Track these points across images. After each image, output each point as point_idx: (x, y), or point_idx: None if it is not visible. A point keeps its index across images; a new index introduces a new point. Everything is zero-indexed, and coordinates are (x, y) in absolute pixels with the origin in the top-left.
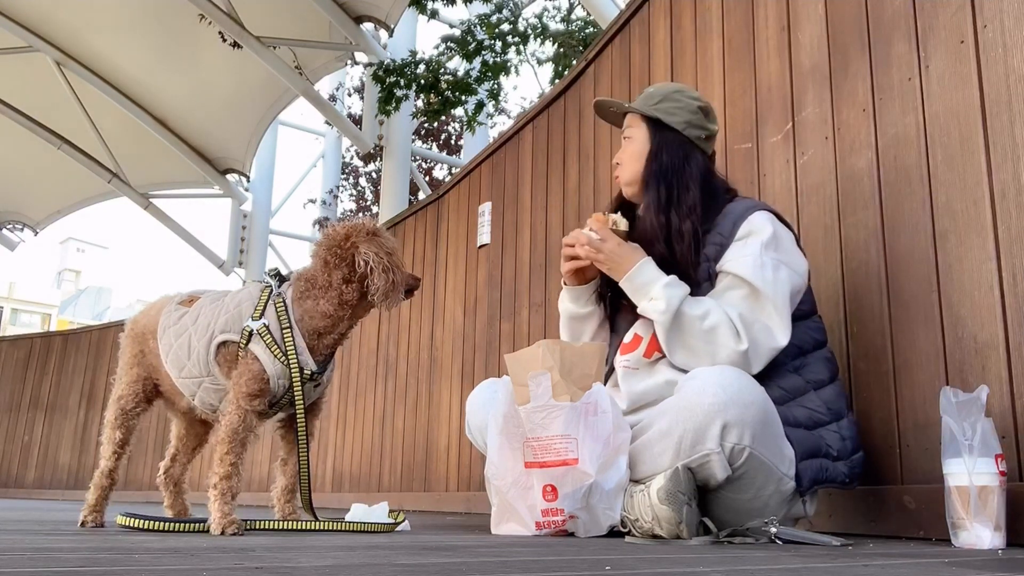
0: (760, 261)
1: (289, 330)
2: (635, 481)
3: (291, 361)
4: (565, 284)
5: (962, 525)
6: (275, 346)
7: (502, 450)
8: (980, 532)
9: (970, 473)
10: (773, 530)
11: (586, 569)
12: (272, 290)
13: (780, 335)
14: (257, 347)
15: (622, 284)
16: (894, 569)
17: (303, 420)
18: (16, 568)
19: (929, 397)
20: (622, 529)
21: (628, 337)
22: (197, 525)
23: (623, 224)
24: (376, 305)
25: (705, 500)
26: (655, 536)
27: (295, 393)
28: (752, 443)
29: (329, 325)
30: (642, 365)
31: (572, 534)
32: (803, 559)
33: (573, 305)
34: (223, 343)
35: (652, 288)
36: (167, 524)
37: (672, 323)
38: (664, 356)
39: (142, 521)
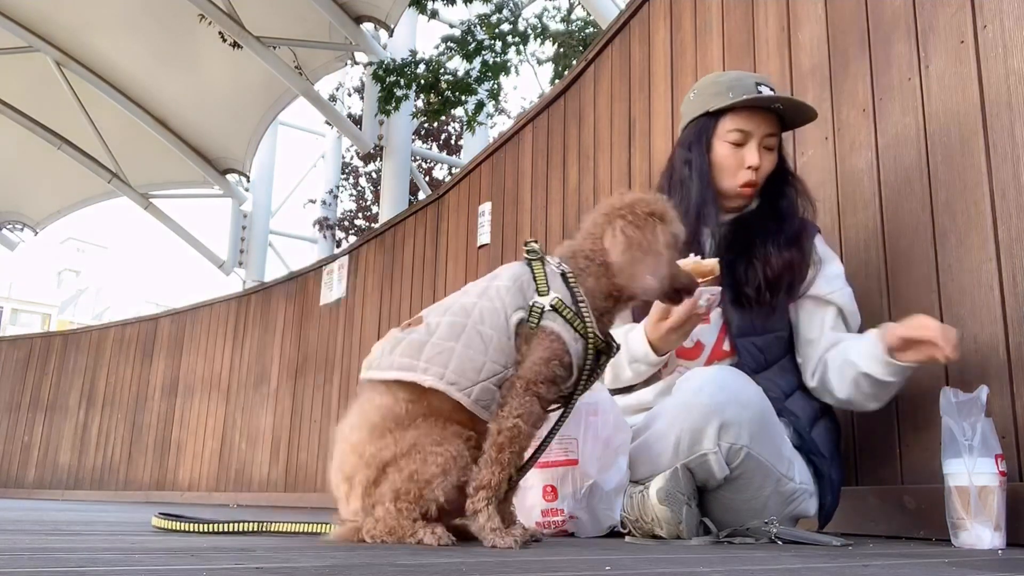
0: (850, 294)
1: (585, 303)
2: (635, 482)
3: (589, 332)
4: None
5: (962, 525)
6: (576, 319)
7: None
8: (980, 532)
9: (970, 473)
10: (773, 530)
11: (586, 569)
12: (547, 263)
13: None
14: (554, 323)
15: None
16: (894, 569)
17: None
18: (16, 568)
19: (929, 397)
20: (622, 529)
21: (690, 343)
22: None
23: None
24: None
25: (704, 500)
26: (655, 536)
27: (599, 365)
28: (749, 443)
29: (609, 307)
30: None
31: (572, 534)
32: (803, 559)
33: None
34: (520, 321)
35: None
36: (204, 525)
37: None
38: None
39: (177, 523)
